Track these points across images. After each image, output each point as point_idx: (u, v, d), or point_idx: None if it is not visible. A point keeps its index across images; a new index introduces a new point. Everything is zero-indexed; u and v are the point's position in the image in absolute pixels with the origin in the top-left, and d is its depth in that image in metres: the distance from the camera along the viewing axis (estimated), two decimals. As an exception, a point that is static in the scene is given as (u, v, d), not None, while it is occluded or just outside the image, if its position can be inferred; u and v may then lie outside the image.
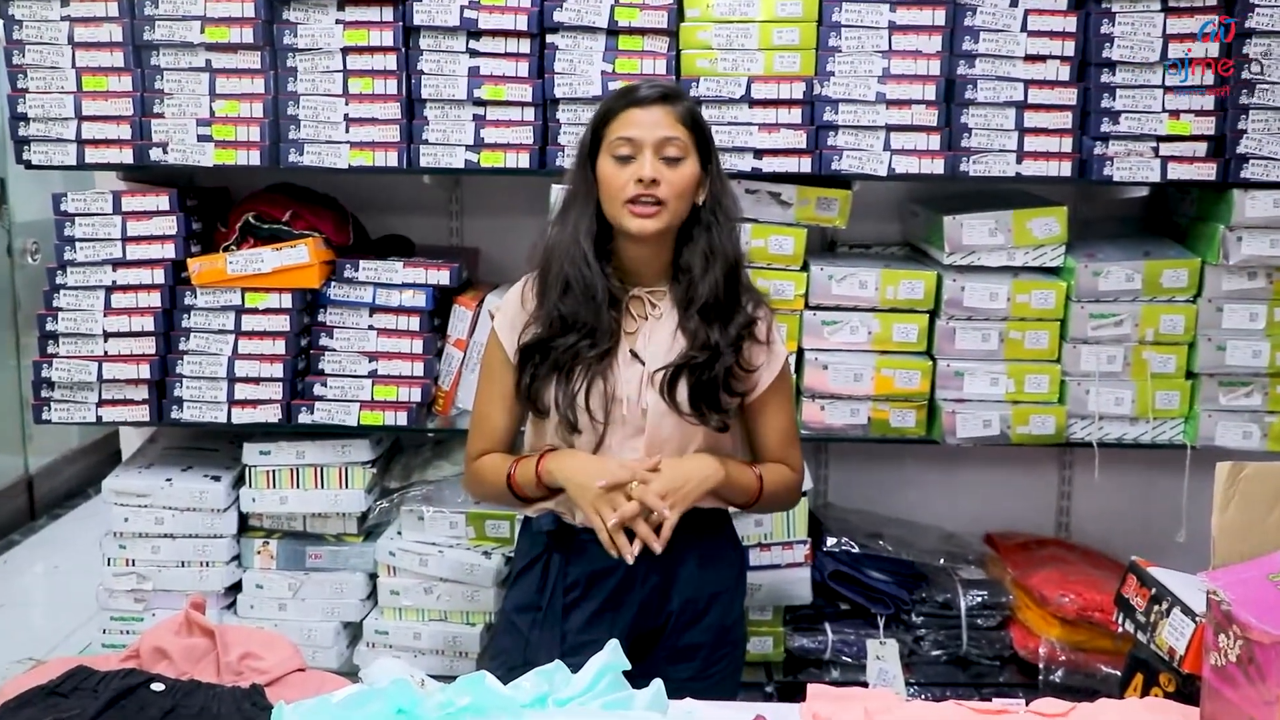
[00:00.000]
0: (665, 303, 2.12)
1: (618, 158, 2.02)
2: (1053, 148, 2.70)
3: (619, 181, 2.02)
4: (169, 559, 2.94)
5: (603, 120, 2.06)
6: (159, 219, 2.80)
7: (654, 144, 2.01)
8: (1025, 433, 2.80)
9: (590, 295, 2.04)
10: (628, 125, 2.02)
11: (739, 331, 2.09)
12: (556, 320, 2.06)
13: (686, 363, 2.06)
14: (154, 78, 2.74)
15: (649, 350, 2.10)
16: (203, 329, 2.82)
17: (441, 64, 2.71)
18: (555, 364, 2.06)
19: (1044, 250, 2.79)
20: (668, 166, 2.02)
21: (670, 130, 2.02)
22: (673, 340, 2.10)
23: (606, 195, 2.05)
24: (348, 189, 3.08)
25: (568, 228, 2.09)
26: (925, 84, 2.68)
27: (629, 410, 2.08)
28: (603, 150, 2.05)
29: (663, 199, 2.01)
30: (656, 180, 2.00)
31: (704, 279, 2.07)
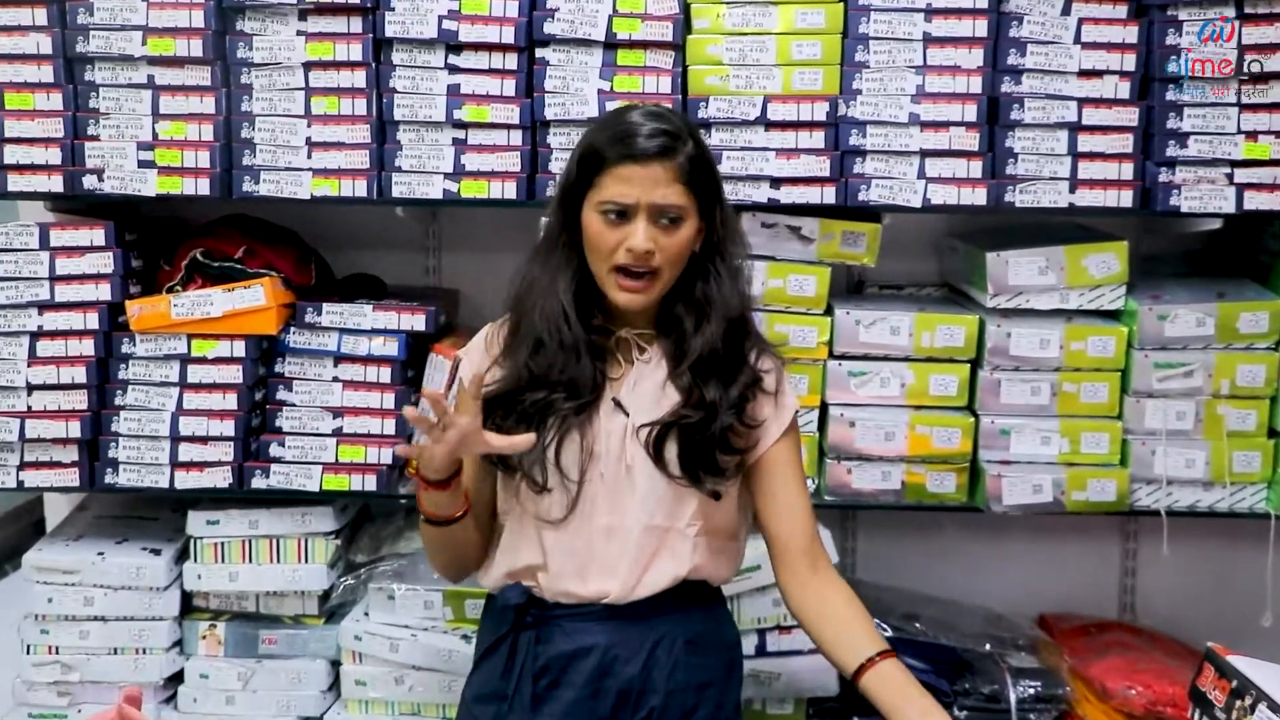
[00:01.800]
0: (654, 348, 2.13)
1: (607, 217, 2.01)
2: (1111, 175, 2.70)
3: (607, 244, 2.01)
4: (99, 646, 2.91)
5: (593, 165, 2.03)
6: (93, 256, 2.79)
7: (650, 209, 2.00)
8: (1082, 499, 2.79)
9: (569, 353, 2.05)
10: (621, 183, 2.00)
11: (743, 390, 2.09)
12: (526, 375, 2.07)
13: (677, 420, 2.06)
14: (88, 95, 2.74)
15: (634, 400, 2.09)
16: (142, 381, 2.81)
17: (417, 81, 2.71)
18: (523, 416, 2.06)
19: (1102, 291, 2.78)
20: (664, 231, 2.01)
21: (669, 193, 2.00)
22: (662, 392, 2.10)
23: (591, 251, 2.05)
24: (310, 222, 3.08)
25: (546, 276, 2.09)
26: (965, 103, 2.68)
27: (609, 467, 2.08)
28: (589, 201, 2.04)
29: (656, 268, 2.02)
30: (650, 251, 2.00)
31: (697, 333, 2.07)
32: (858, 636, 2.07)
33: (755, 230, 2.77)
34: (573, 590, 2.09)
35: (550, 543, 2.10)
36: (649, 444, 2.06)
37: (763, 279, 2.77)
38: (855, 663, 2.02)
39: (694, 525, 2.10)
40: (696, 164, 2.04)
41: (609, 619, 2.07)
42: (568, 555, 2.09)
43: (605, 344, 2.11)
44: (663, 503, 2.08)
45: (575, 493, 2.07)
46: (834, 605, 2.11)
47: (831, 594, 2.12)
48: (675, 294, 2.10)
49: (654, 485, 2.07)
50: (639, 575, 2.08)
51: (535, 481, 2.06)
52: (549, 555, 2.10)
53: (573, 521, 2.08)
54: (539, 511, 2.09)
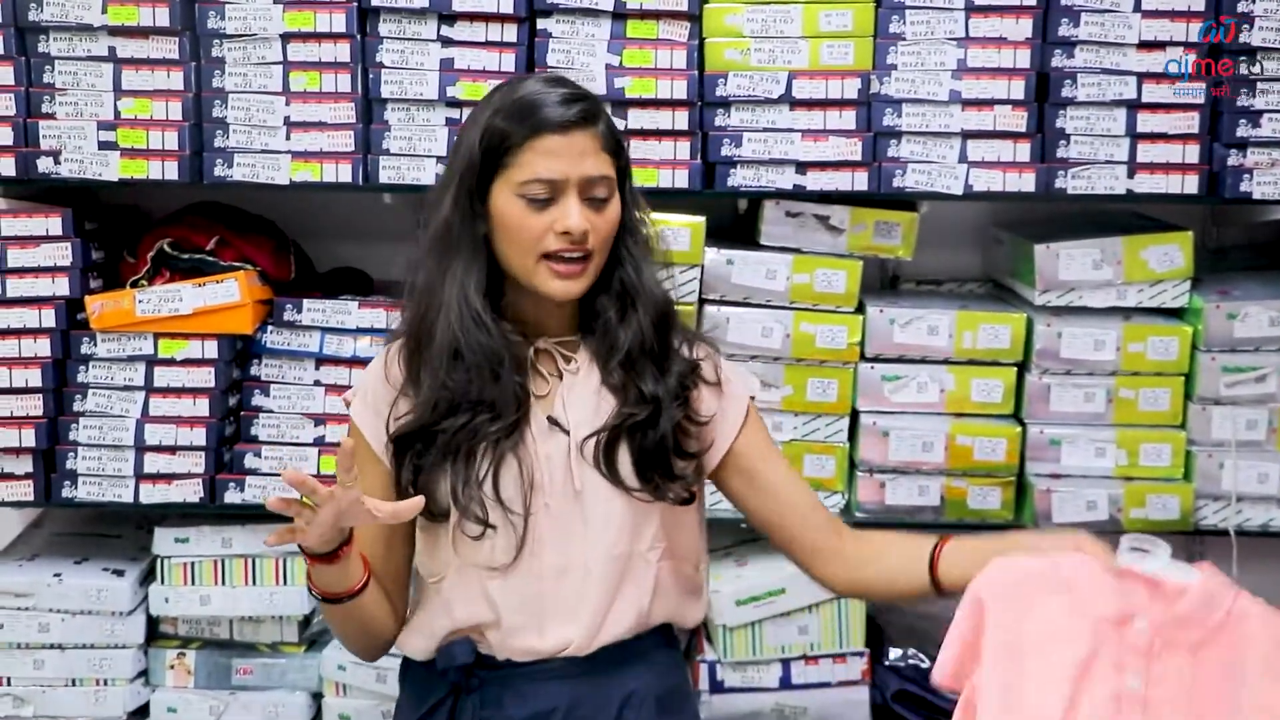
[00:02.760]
0: (582, 355, 2.04)
1: (530, 200, 1.90)
2: (1175, 158, 2.68)
3: (532, 231, 1.91)
4: (56, 676, 2.90)
5: (502, 143, 1.92)
6: (49, 246, 2.77)
7: (581, 184, 1.91)
8: (1141, 517, 2.77)
9: (493, 365, 1.94)
10: (545, 158, 1.90)
11: (680, 380, 2.02)
12: (443, 400, 1.95)
13: (623, 423, 1.97)
14: (42, 69, 2.71)
15: (571, 415, 2.00)
16: (104, 385, 2.79)
17: (407, 55, 2.68)
18: (447, 449, 1.95)
19: (1163, 287, 2.76)
20: (593, 209, 1.93)
21: (596, 164, 1.92)
22: (598, 400, 2.01)
23: (511, 243, 1.93)
24: (289, 210, 3.06)
25: (448, 281, 1.96)
26: (1011, 79, 2.66)
27: (555, 497, 1.97)
28: (502, 181, 1.92)
29: (589, 251, 1.93)
30: (586, 232, 1.91)
31: (623, 325, 1.99)
32: (909, 545, 2.03)
33: (779, 220, 2.76)
34: (531, 645, 1.99)
35: (498, 593, 1.98)
36: (598, 458, 1.97)
37: (788, 274, 2.75)
38: (924, 563, 1.97)
39: (656, 549, 2.02)
40: (615, 133, 1.99)
41: (570, 675, 1.98)
42: (520, 605, 1.98)
43: (524, 356, 2.00)
44: (624, 527, 1.99)
45: (523, 530, 1.96)
46: (874, 543, 2.10)
47: (866, 540, 2.10)
48: (595, 287, 2.01)
49: (611, 508, 1.99)
50: (602, 617, 1.99)
51: (478, 521, 1.94)
52: (500, 608, 1.98)
53: (521, 564, 1.97)
54: (481, 559, 1.97)
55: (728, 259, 2.75)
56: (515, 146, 1.90)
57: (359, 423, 2.05)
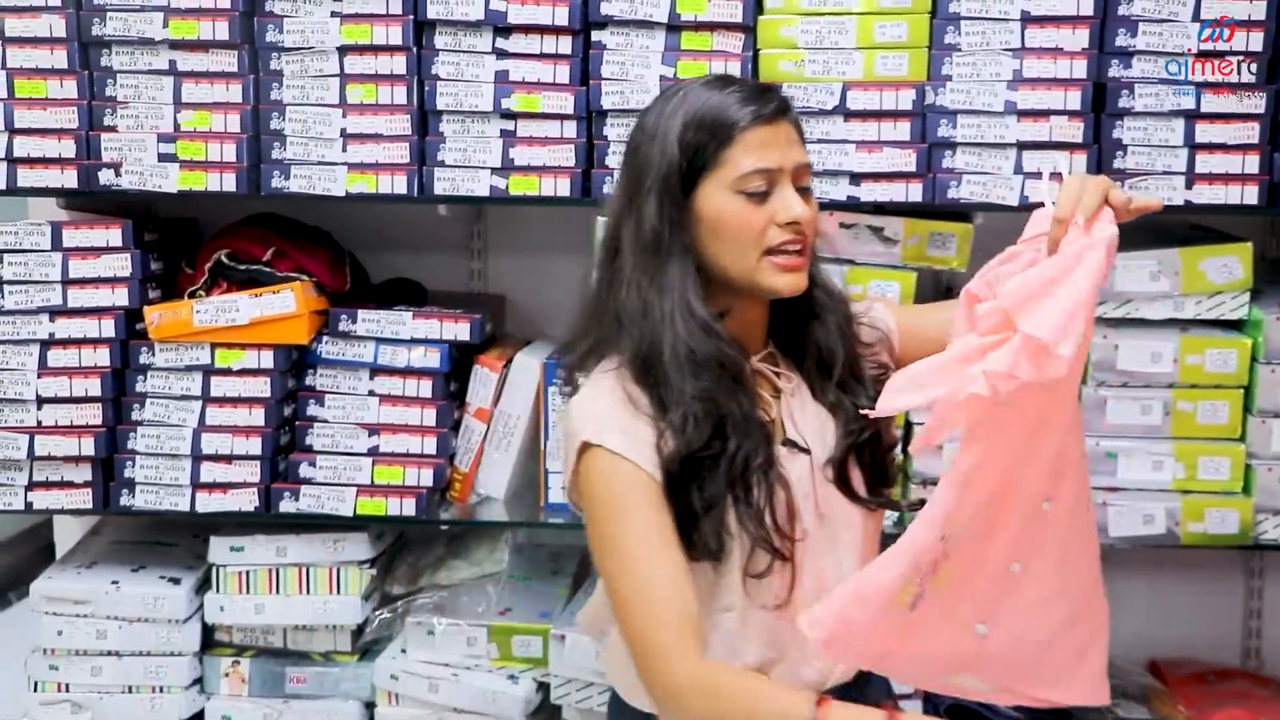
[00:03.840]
0: (790, 370, 1.98)
1: (749, 194, 1.84)
2: (1234, 168, 2.65)
3: (754, 226, 1.83)
4: (113, 683, 2.92)
5: (714, 138, 1.85)
6: (109, 257, 2.80)
7: (793, 172, 1.86)
8: (1199, 531, 2.74)
9: (731, 373, 1.83)
10: (759, 150, 1.83)
11: (875, 384, 1.97)
12: (702, 418, 1.81)
13: (853, 442, 1.93)
14: (105, 82, 2.74)
15: (807, 434, 1.94)
16: (162, 394, 2.81)
17: (462, 67, 2.70)
18: (729, 478, 1.82)
19: (1222, 299, 2.74)
20: (805, 201, 1.87)
21: (802, 153, 1.88)
22: (819, 416, 1.96)
23: (729, 242, 1.85)
24: (344, 221, 3.08)
25: (664, 293, 1.85)
26: (1068, 90, 2.65)
27: (809, 520, 1.90)
28: (712, 182, 1.85)
29: (807, 244, 1.88)
30: (809, 219, 1.86)
31: (830, 336, 1.95)
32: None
33: (833, 231, 2.74)
34: (800, 677, 1.92)
35: (779, 629, 1.90)
36: (839, 479, 1.92)
37: (842, 284, 2.72)
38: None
39: (876, 553, 1.97)
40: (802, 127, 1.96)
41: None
42: (796, 637, 1.84)
43: (748, 377, 1.90)
44: (865, 544, 1.97)
45: (793, 561, 1.87)
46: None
47: None
48: (788, 301, 1.93)
49: (853, 524, 1.95)
50: None
51: (772, 552, 1.83)
52: (784, 645, 1.91)
53: (795, 597, 1.88)
54: (767, 596, 1.87)
55: (782, 270, 2.75)
56: (724, 144, 1.84)
57: (627, 453, 1.81)
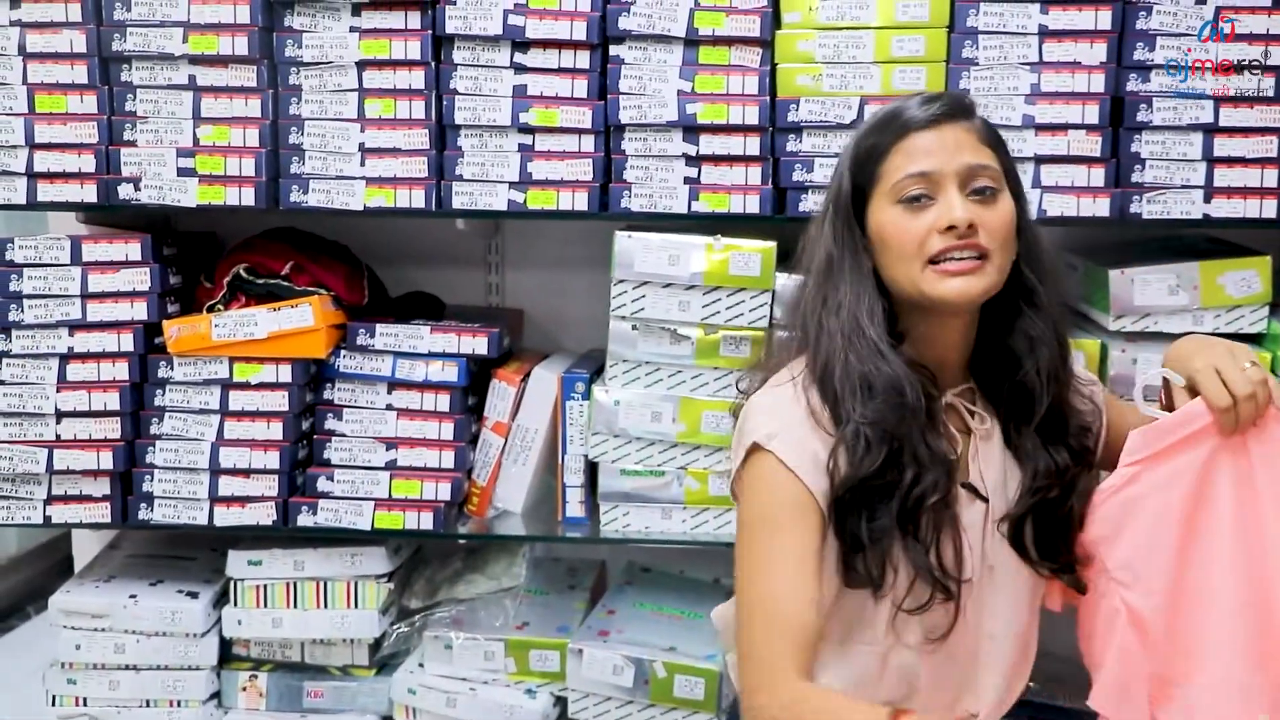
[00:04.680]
0: (986, 409, 1.92)
1: (907, 201, 1.80)
2: (1252, 182, 2.65)
3: (914, 234, 1.79)
4: (130, 697, 2.93)
5: (869, 158, 1.85)
6: (128, 271, 2.81)
7: (959, 174, 1.79)
8: (1218, 545, 2.72)
9: (900, 397, 1.78)
10: (914, 156, 1.80)
11: (1080, 444, 1.91)
12: (875, 441, 1.77)
13: (1038, 501, 1.87)
14: (125, 97, 2.76)
15: (988, 481, 1.89)
16: (180, 408, 2.82)
17: (480, 82, 2.71)
18: (901, 511, 1.78)
19: (1241, 313, 2.73)
20: (981, 204, 1.80)
21: (976, 154, 1.81)
22: (1004, 463, 1.90)
23: (893, 256, 1.81)
24: (363, 235, 3.09)
25: (837, 310, 1.83)
26: (1086, 104, 2.65)
27: (974, 568, 1.87)
28: (877, 198, 1.84)
29: (984, 250, 1.78)
30: (973, 225, 1.77)
31: (1039, 380, 1.86)
32: None
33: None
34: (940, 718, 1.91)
35: (925, 668, 1.89)
36: (1013, 535, 1.88)
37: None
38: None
39: (1038, 618, 1.99)
40: (993, 129, 1.89)
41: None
42: (938, 680, 1.88)
43: (936, 412, 1.85)
44: (1028, 602, 1.95)
45: (958, 603, 1.83)
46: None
47: None
48: (996, 325, 1.89)
49: (1019, 582, 1.92)
50: (1007, 690, 1.94)
51: (940, 590, 1.80)
52: (922, 683, 1.89)
53: (950, 638, 1.86)
54: (917, 634, 1.86)
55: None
56: (884, 154, 1.82)
57: (792, 463, 1.80)
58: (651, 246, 2.67)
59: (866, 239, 1.84)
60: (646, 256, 2.67)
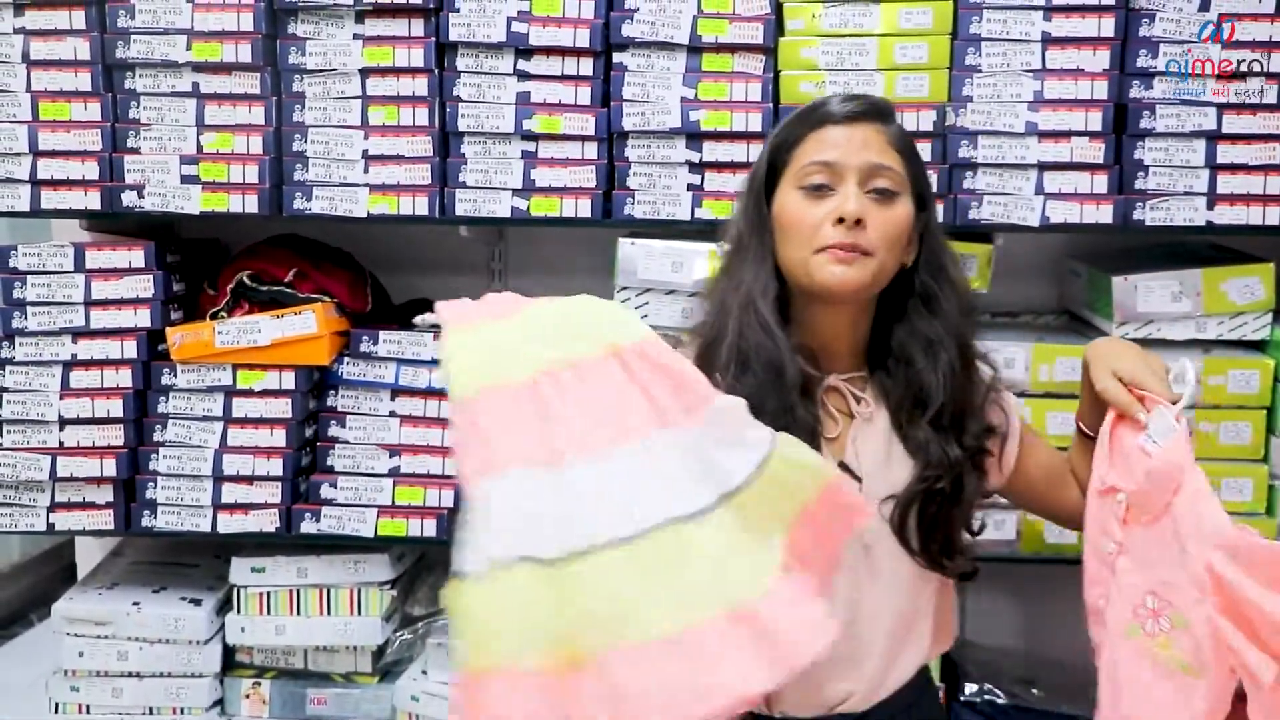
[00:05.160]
0: (870, 395, 1.96)
1: (808, 189, 1.86)
2: (1255, 189, 2.65)
3: (809, 220, 1.85)
4: (134, 704, 2.93)
5: (785, 144, 1.91)
6: (131, 278, 2.82)
7: (860, 170, 1.85)
8: (1222, 552, 2.73)
9: (777, 375, 1.84)
10: (822, 146, 1.87)
11: (977, 444, 1.94)
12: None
13: (925, 488, 1.89)
14: (128, 104, 2.76)
15: (864, 463, 1.93)
16: (183, 415, 2.83)
17: (483, 89, 2.71)
18: None
19: (1244, 319, 2.74)
20: (876, 203, 1.86)
21: (881, 155, 1.87)
22: (887, 448, 1.93)
23: (790, 239, 1.88)
24: (366, 242, 3.09)
25: (738, 286, 1.91)
26: (1089, 111, 2.65)
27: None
28: (785, 181, 1.90)
29: (869, 248, 1.84)
30: (861, 220, 1.83)
31: (934, 374, 1.90)
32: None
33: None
34: (810, 698, 1.92)
35: None
36: (894, 520, 1.90)
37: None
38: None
39: (933, 601, 1.99)
40: (911, 142, 1.93)
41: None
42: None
43: (815, 388, 1.91)
44: (911, 585, 1.94)
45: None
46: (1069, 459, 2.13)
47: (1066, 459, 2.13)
48: (891, 321, 1.94)
49: (899, 565, 1.92)
50: (885, 673, 1.94)
51: None
52: None
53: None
54: None
55: (802, 291, 2.75)
56: (798, 142, 1.89)
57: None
58: (655, 253, 2.68)
59: (771, 221, 1.92)
60: (649, 263, 2.68)
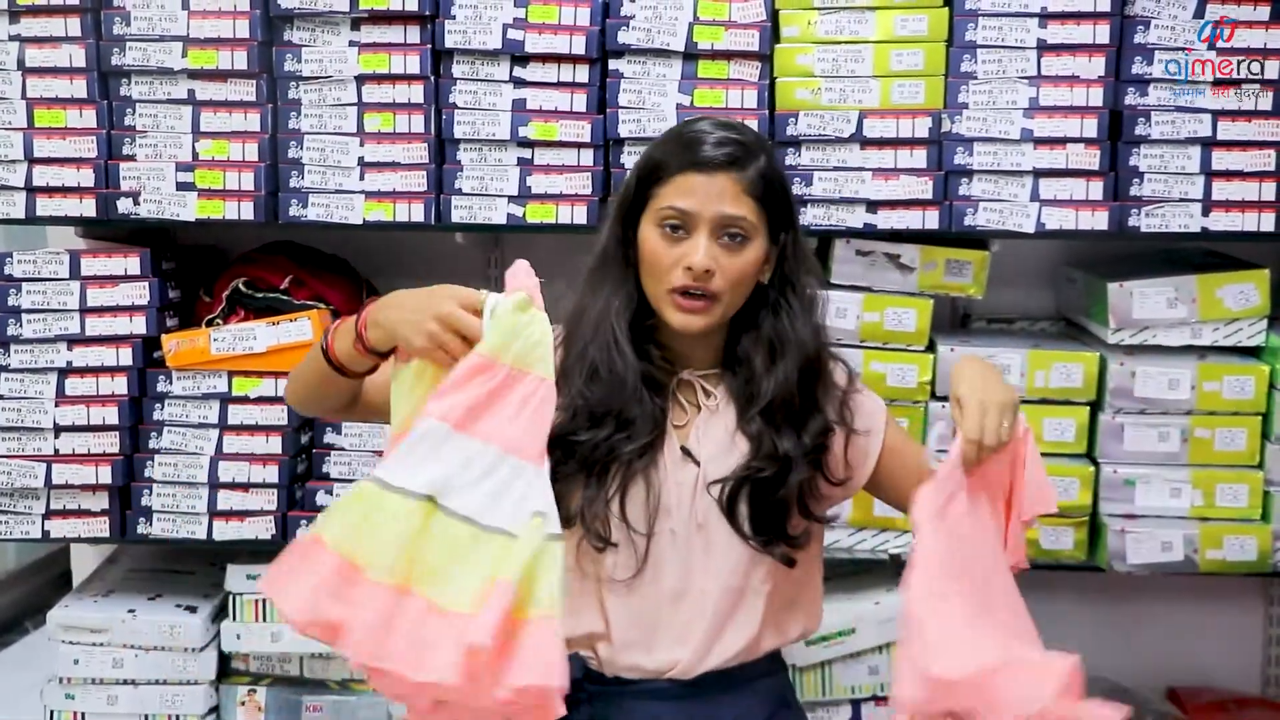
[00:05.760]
0: (722, 391, 2.06)
1: (665, 230, 1.95)
2: (1250, 195, 2.66)
3: (664, 262, 1.95)
4: (129, 711, 2.93)
5: (653, 174, 1.98)
6: (127, 286, 2.82)
7: (712, 222, 1.94)
8: (1218, 558, 2.74)
9: (620, 388, 1.97)
10: (683, 193, 1.94)
11: (815, 441, 2.02)
12: (583, 410, 1.98)
13: (750, 475, 1.99)
14: (124, 112, 2.77)
15: (704, 448, 2.03)
16: (179, 422, 2.83)
17: (479, 96, 2.72)
18: (584, 462, 1.97)
19: (1239, 325, 2.75)
20: (726, 251, 1.95)
21: (734, 206, 1.95)
22: (730, 439, 2.03)
23: (648, 271, 1.98)
24: (362, 249, 3.10)
25: (599, 301, 2.02)
26: (1084, 117, 2.66)
27: (681, 524, 2.01)
28: (649, 212, 1.98)
29: (715, 292, 1.96)
30: (710, 271, 1.94)
31: (768, 375, 2.01)
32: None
33: (850, 259, 2.76)
34: (638, 662, 2.02)
35: (614, 608, 2.02)
36: (721, 500, 1.99)
37: (858, 312, 2.75)
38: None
39: (769, 583, 2.04)
40: (769, 181, 2.00)
41: (675, 697, 2.01)
42: (633, 622, 2.02)
43: (667, 384, 2.04)
44: (741, 563, 2.02)
45: (644, 550, 2.00)
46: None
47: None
48: (743, 329, 2.05)
49: (730, 543, 2.01)
50: (711, 643, 2.02)
51: (600, 539, 1.98)
52: (613, 623, 2.03)
53: (640, 584, 2.01)
54: (601, 572, 2.02)
55: (798, 297, 2.75)
56: (663, 179, 1.96)
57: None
58: (651, 260, 2.68)
59: (635, 241, 2.01)
60: (646, 270, 2.68)
